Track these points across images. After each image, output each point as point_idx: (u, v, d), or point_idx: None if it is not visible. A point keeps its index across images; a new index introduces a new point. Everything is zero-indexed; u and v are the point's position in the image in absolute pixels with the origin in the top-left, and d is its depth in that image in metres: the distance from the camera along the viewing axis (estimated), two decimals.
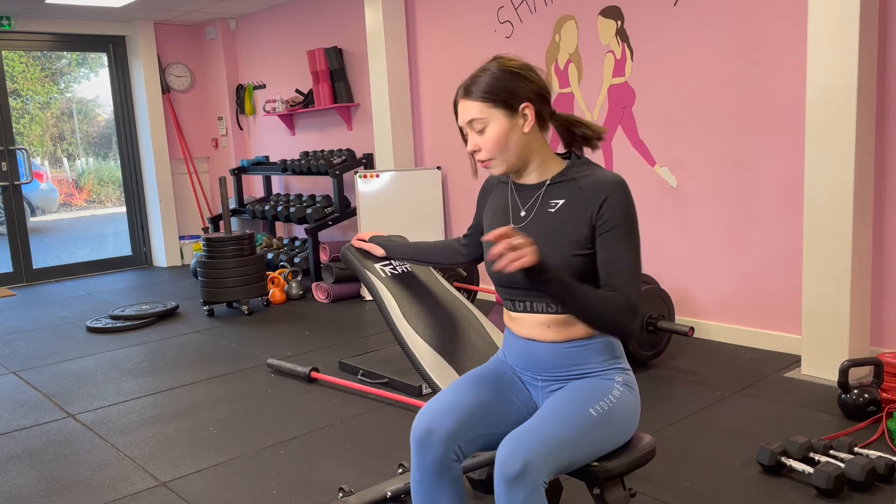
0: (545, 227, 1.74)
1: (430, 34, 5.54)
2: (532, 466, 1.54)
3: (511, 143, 1.73)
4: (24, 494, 2.74)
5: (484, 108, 1.71)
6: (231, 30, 7.52)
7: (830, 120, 3.29)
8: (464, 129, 1.78)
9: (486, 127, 1.72)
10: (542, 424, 1.63)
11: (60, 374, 4.17)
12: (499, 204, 1.88)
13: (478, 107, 1.72)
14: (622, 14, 4.31)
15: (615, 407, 1.70)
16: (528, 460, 1.55)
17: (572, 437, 1.62)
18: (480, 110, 1.72)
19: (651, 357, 3.75)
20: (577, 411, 1.66)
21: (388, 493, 2.42)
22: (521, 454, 1.55)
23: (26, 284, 7.04)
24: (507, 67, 1.75)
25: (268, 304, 5.58)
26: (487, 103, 1.71)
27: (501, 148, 1.73)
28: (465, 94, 1.74)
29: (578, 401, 1.69)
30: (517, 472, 1.54)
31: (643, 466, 1.81)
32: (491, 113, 1.71)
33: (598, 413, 1.68)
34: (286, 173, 6.46)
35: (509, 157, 1.74)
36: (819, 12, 3.28)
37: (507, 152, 1.74)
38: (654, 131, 4.27)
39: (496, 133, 1.72)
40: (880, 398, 2.98)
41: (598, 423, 1.67)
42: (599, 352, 1.76)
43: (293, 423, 3.29)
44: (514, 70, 1.75)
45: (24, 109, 7.41)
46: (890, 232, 3.46)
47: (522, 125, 1.73)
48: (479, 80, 1.73)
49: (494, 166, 1.76)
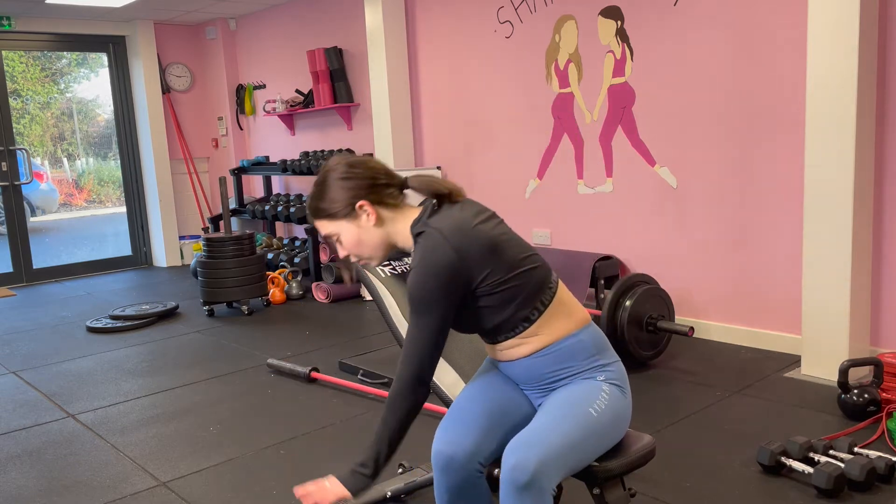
0: None
1: (430, 34, 5.54)
2: (542, 474, 1.55)
3: (367, 240, 1.80)
4: (24, 494, 2.74)
5: (329, 224, 1.82)
6: (231, 30, 7.52)
7: (830, 120, 3.29)
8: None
9: (339, 236, 1.82)
10: (547, 429, 1.62)
11: (60, 374, 4.17)
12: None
13: (324, 224, 1.83)
14: (622, 14, 4.31)
15: (610, 404, 1.71)
16: (538, 468, 1.54)
17: (577, 440, 1.62)
18: (328, 227, 1.83)
19: (651, 357, 3.75)
20: (579, 413, 1.66)
21: (388, 493, 2.42)
22: (531, 462, 1.55)
23: (26, 284, 7.04)
24: (330, 179, 1.80)
25: (268, 304, 5.58)
26: (329, 220, 1.81)
27: (362, 248, 1.82)
28: (313, 216, 1.85)
29: (576, 403, 1.68)
30: (527, 480, 1.54)
31: (643, 466, 1.81)
32: (337, 225, 1.81)
33: (598, 412, 1.68)
34: (286, 173, 6.46)
35: (374, 251, 1.83)
36: (819, 12, 3.28)
37: (369, 248, 1.82)
38: (654, 131, 4.27)
39: (350, 239, 1.81)
40: (880, 398, 2.98)
41: (599, 422, 1.67)
42: (576, 352, 1.74)
43: (293, 423, 3.29)
44: (340, 178, 1.78)
45: (24, 109, 7.41)
46: (890, 232, 3.46)
47: (367, 221, 1.78)
48: (316, 201, 1.82)
49: (370, 262, 1.86)
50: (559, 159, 4.79)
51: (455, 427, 1.74)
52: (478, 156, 5.36)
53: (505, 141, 5.13)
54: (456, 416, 1.77)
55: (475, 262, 1.66)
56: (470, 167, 5.43)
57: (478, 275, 1.66)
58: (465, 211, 1.73)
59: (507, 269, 1.69)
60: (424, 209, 1.77)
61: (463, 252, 1.65)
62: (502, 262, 1.68)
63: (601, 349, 1.78)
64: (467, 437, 1.71)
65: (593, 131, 4.57)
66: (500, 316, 1.71)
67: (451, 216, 1.71)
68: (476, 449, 1.71)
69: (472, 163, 5.40)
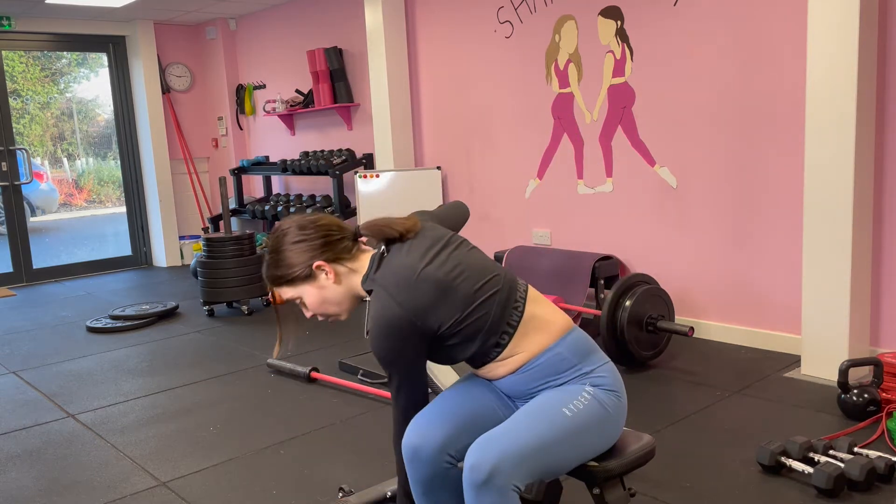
0: None
1: (430, 34, 5.54)
2: (499, 473, 1.53)
3: (330, 297, 1.81)
4: (24, 494, 2.74)
5: (289, 289, 1.82)
6: (231, 30, 7.52)
7: (830, 120, 3.29)
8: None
9: (302, 299, 1.82)
10: (511, 430, 1.61)
11: (60, 374, 4.17)
12: None
13: (285, 291, 1.83)
14: (622, 14, 4.31)
15: (590, 406, 1.67)
16: (494, 467, 1.53)
17: (545, 441, 1.60)
18: (289, 292, 1.82)
19: (651, 357, 3.75)
20: (549, 413, 1.64)
21: (388, 493, 2.42)
22: (487, 461, 1.54)
23: (26, 284, 7.04)
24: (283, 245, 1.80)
25: (268, 304, 5.58)
26: (289, 286, 1.81)
27: (327, 307, 1.82)
28: (272, 284, 1.84)
29: (550, 405, 1.67)
30: (483, 479, 1.53)
31: (643, 466, 1.81)
32: (297, 290, 1.81)
33: (573, 413, 1.64)
34: (286, 173, 6.47)
35: (339, 308, 1.83)
36: (819, 12, 3.28)
37: (334, 305, 1.82)
38: (654, 131, 4.27)
39: (313, 301, 1.81)
40: (880, 398, 2.98)
41: (574, 423, 1.63)
42: (553, 366, 1.71)
43: (293, 423, 3.29)
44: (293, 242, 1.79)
45: (24, 109, 7.41)
46: (889, 232, 3.46)
47: (327, 279, 1.78)
48: (272, 270, 1.82)
49: (339, 318, 1.86)
50: (559, 159, 4.80)
51: (426, 421, 1.74)
52: (478, 156, 5.36)
53: (505, 141, 5.13)
54: (429, 410, 1.77)
55: (426, 311, 1.66)
56: (470, 167, 5.43)
57: (433, 322, 1.67)
58: (411, 255, 1.72)
59: (462, 307, 1.68)
60: (372, 260, 1.78)
61: (411, 306, 1.65)
62: (456, 302, 1.68)
63: (584, 356, 1.73)
64: (437, 431, 1.71)
65: (593, 131, 4.57)
66: (470, 349, 1.72)
67: (396, 267, 1.71)
68: (446, 442, 1.70)
69: (472, 163, 5.40)
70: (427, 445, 1.70)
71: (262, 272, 1.86)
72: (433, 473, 1.71)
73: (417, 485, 1.75)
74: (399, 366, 1.68)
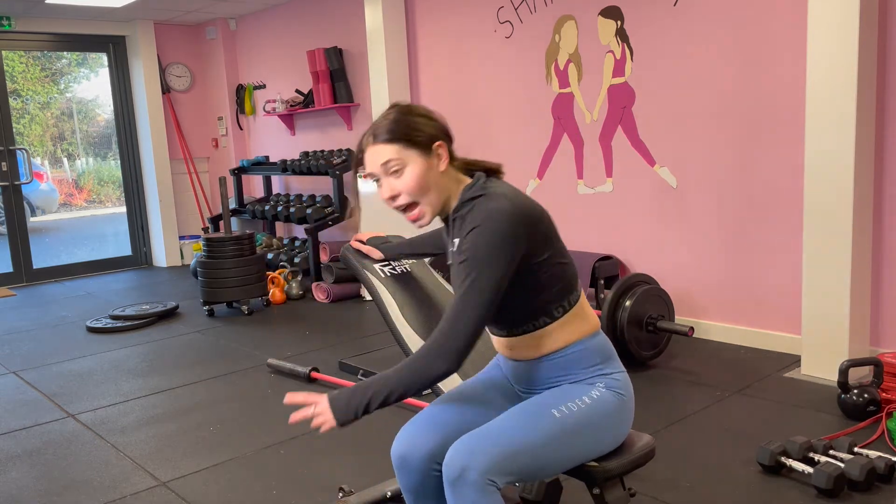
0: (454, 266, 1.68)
1: (430, 34, 5.54)
2: (471, 468, 1.51)
3: (431, 183, 1.67)
4: (24, 494, 2.74)
5: (398, 149, 1.65)
6: (231, 30, 7.52)
7: (830, 120, 3.29)
8: (376, 176, 1.70)
9: (403, 168, 1.65)
10: (494, 426, 1.60)
11: (60, 374, 4.17)
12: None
13: (392, 149, 1.65)
14: (622, 14, 4.31)
15: (588, 410, 1.65)
16: (467, 462, 1.52)
17: (527, 440, 1.58)
18: (395, 151, 1.65)
19: (651, 357, 3.75)
20: (536, 413, 1.63)
21: (388, 493, 2.42)
22: (461, 456, 1.53)
23: (26, 284, 7.04)
24: (410, 110, 1.71)
25: (268, 304, 5.58)
26: (401, 144, 1.65)
27: (423, 189, 1.66)
28: (375, 140, 1.67)
29: (542, 403, 1.65)
30: (456, 475, 1.52)
31: (643, 466, 1.81)
32: (406, 154, 1.65)
33: (563, 414, 1.62)
34: (286, 173, 6.47)
35: (432, 200, 1.68)
36: (819, 12, 3.28)
37: (429, 194, 1.67)
38: (654, 131, 4.27)
39: (416, 173, 1.65)
40: (880, 398, 2.98)
41: (563, 425, 1.61)
42: (580, 359, 1.71)
43: None
44: (418, 112, 1.71)
45: (24, 109, 7.41)
46: (889, 232, 3.46)
47: (437, 165, 1.68)
48: (386, 124, 1.67)
49: (423, 214, 1.69)
50: (559, 159, 4.79)
51: (415, 429, 1.73)
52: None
53: (505, 141, 5.13)
54: (420, 418, 1.76)
55: (533, 230, 1.61)
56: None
57: (532, 245, 1.61)
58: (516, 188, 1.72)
59: (553, 250, 1.66)
60: (477, 177, 1.71)
61: (526, 216, 1.60)
62: (552, 241, 1.67)
63: (606, 358, 1.74)
64: (425, 440, 1.69)
65: (593, 131, 4.57)
66: (531, 301, 1.66)
67: (509, 186, 1.69)
68: (434, 451, 1.68)
69: None
70: (415, 454, 1.69)
71: (368, 133, 1.68)
72: (421, 481, 1.70)
73: (408, 493, 1.74)
74: (493, 268, 1.55)
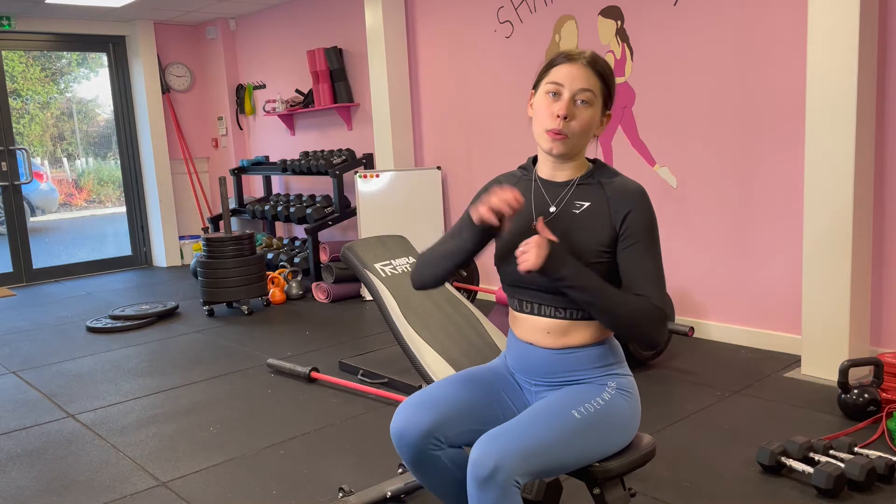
0: (570, 226, 1.72)
1: (430, 34, 5.54)
2: (502, 468, 1.53)
3: (589, 133, 1.72)
4: (24, 494, 2.74)
5: (600, 87, 1.70)
6: (231, 30, 7.52)
7: (830, 120, 3.29)
8: (562, 91, 1.68)
9: (591, 105, 1.69)
10: (519, 426, 1.61)
11: (60, 374, 4.17)
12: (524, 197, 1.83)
13: (596, 82, 1.69)
14: (622, 14, 4.31)
15: (603, 410, 1.68)
16: (498, 462, 1.53)
17: (551, 440, 1.60)
18: (596, 87, 1.69)
19: (651, 357, 3.75)
20: (558, 414, 1.64)
21: (388, 493, 2.42)
22: (492, 456, 1.54)
23: (26, 284, 7.04)
24: (612, 70, 1.75)
25: (268, 304, 5.58)
26: (602, 86, 1.70)
27: (584, 132, 1.70)
28: (587, 62, 1.69)
29: (561, 404, 1.67)
30: (487, 474, 1.53)
31: (643, 466, 1.81)
32: (598, 98, 1.70)
33: (582, 415, 1.65)
34: (286, 173, 6.47)
35: (578, 144, 1.71)
36: (819, 12, 3.28)
37: (582, 139, 1.71)
38: (654, 131, 4.27)
39: (590, 117, 1.69)
40: (880, 398, 2.98)
41: (583, 425, 1.64)
42: (595, 359, 1.74)
43: (293, 423, 3.29)
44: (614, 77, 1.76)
45: (24, 109, 7.40)
46: (890, 232, 3.46)
47: (599, 125, 1.74)
48: (603, 62, 1.71)
49: (564, 144, 1.69)
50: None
51: (413, 406, 1.75)
52: (477, 156, 5.36)
53: (505, 141, 5.13)
54: (417, 397, 1.78)
55: None
56: (470, 167, 5.43)
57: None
58: None
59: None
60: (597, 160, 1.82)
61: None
62: None
63: (619, 359, 1.79)
64: (422, 416, 1.71)
65: None
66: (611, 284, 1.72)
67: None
68: (432, 426, 1.71)
69: (472, 163, 5.40)
70: (411, 430, 1.71)
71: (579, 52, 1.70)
72: (419, 456, 1.73)
73: (408, 464, 1.77)
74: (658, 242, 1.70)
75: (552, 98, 1.69)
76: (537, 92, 1.75)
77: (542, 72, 1.76)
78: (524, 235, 1.72)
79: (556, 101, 1.69)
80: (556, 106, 1.68)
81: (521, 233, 1.75)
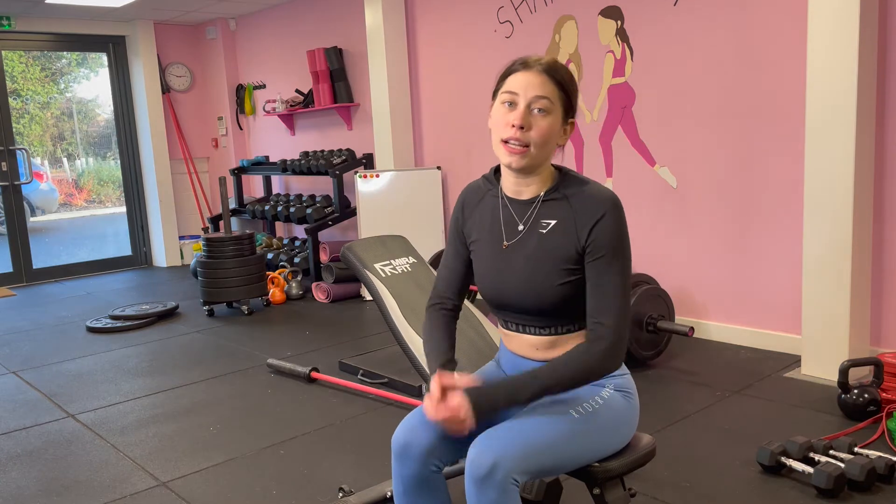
0: (537, 247, 1.68)
1: (430, 34, 5.54)
2: (500, 467, 1.52)
3: (550, 143, 1.65)
4: (24, 494, 2.74)
5: (557, 94, 1.63)
6: (231, 30, 7.52)
7: (830, 120, 3.29)
8: (517, 99, 1.63)
9: (549, 113, 1.62)
10: (517, 425, 1.60)
11: (60, 374, 4.17)
12: (491, 216, 1.78)
13: (552, 88, 1.62)
14: (622, 14, 4.31)
15: (602, 409, 1.67)
16: (496, 461, 1.52)
17: (549, 439, 1.59)
18: (553, 93, 1.62)
19: (651, 357, 3.75)
20: (557, 413, 1.63)
21: (388, 493, 2.42)
22: (490, 454, 1.53)
23: (26, 284, 7.04)
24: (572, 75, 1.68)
25: (268, 304, 5.58)
26: (560, 91, 1.63)
27: (544, 142, 1.63)
28: (547, 71, 1.62)
29: (560, 403, 1.66)
30: (485, 473, 1.52)
31: (643, 466, 1.81)
32: (556, 104, 1.63)
33: (581, 414, 1.64)
34: (286, 173, 6.47)
35: (539, 156, 1.65)
36: (819, 12, 3.28)
37: (543, 150, 1.64)
38: (654, 131, 4.27)
39: (550, 125, 1.62)
40: (880, 398, 2.98)
41: (581, 424, 1.63)
42: None
43: (293, 423, 3.29)
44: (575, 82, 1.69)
45: (24, 109, 7.41)
46: (890, 232, 3.46)
47: (562, 134, 1.68)
48: (557, 65, 1.64)
49: (524, 158, 1.63)
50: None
51: (418, 420, 1.71)
52: (478, 156, 5.36)
53: None
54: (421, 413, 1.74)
55: None
56: (470, 167, 5.43)
57: None
58: None
59: None
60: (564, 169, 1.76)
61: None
62: None
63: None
64: (427, 430, 1.68)
65: (593, 131, 4.57)
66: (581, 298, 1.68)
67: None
68: (434, 444, 1.68)
69: (472, 163, 5.40)
70: (416, 443, 1.68)
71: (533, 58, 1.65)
72: (419, 474, 1.69)
73: (401, 483, 1.72)
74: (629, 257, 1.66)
75: (508, 108, 1.64)
76: (495, 102, 1.69)
77: (498, 81, 1.69)
78: (496, 259, 1.72)
79: (512, 110, 1.63)
80: (511, 115, 1.63)
81: (492, 256, 1.74)
